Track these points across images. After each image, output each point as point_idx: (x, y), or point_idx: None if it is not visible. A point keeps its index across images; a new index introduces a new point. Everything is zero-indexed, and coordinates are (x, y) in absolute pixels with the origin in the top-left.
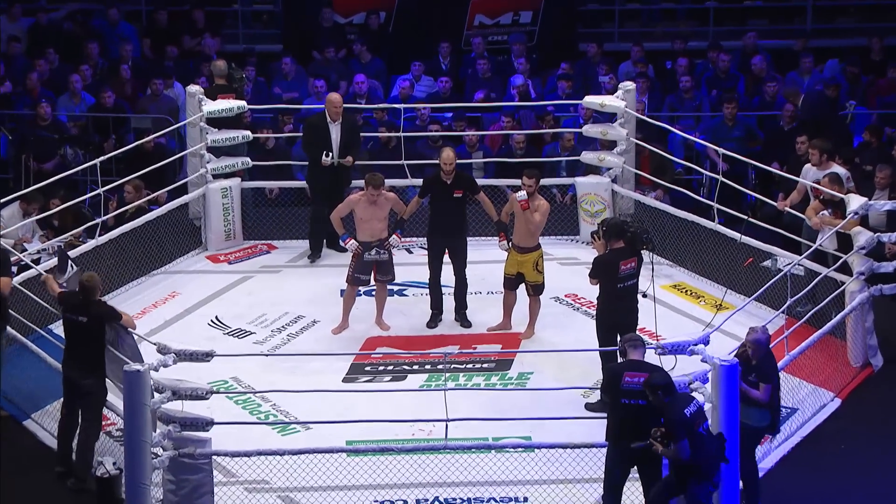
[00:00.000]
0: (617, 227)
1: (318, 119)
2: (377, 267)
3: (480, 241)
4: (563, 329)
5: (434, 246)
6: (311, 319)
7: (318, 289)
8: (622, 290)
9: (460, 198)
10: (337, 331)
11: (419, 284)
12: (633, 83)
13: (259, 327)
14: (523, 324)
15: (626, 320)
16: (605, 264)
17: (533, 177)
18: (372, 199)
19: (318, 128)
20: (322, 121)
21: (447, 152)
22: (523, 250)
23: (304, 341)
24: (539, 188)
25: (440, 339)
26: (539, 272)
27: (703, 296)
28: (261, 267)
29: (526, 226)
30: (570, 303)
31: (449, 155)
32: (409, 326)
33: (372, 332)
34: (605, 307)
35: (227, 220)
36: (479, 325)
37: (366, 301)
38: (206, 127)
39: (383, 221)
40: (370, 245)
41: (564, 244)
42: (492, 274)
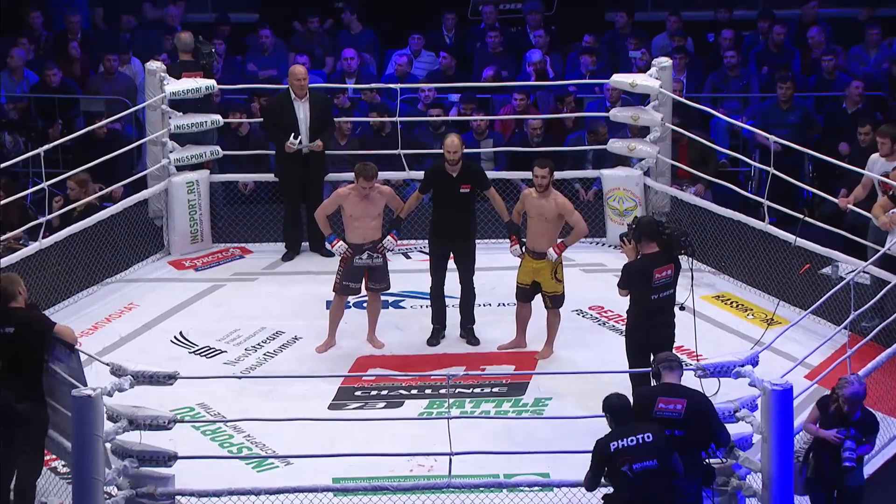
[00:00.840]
0: (650, 229)
1: (280, 98)
2: (369, 273)
3: (491, 245)
4: (586, 347)
5: (436, 250)
6: (291, 335)
7: (299, 300)
8: (656, 302)
9: (467, 193)
10: (322, 349)
11: (418, 295)
12: (669, 59)
13: (231, 345)
14: (540, 341)
15: (661, 337)
16: (637, 272)
17: (546, 167)
18: (363, 194)
19: (281, 107)
20: (285, 99)
21: (451, 138)
22: (539, 255)
23: (284, 361)
24: (555, 182)
25: (443, 358)
26: (558, 281)
27: (752, 308)
28: (233, 274)
29: (542, 226)
30: (594, 316)
31: (453, 142)
32: (407, 344)
33: (363, 350)
34: (637, 322)
35: (193, 219)
36: (488, 343)
37: (356, 314)
38: (168, 110)
39: (377, 220)
40: (361, 248)
41: (588, 248)
42: (503, 283)
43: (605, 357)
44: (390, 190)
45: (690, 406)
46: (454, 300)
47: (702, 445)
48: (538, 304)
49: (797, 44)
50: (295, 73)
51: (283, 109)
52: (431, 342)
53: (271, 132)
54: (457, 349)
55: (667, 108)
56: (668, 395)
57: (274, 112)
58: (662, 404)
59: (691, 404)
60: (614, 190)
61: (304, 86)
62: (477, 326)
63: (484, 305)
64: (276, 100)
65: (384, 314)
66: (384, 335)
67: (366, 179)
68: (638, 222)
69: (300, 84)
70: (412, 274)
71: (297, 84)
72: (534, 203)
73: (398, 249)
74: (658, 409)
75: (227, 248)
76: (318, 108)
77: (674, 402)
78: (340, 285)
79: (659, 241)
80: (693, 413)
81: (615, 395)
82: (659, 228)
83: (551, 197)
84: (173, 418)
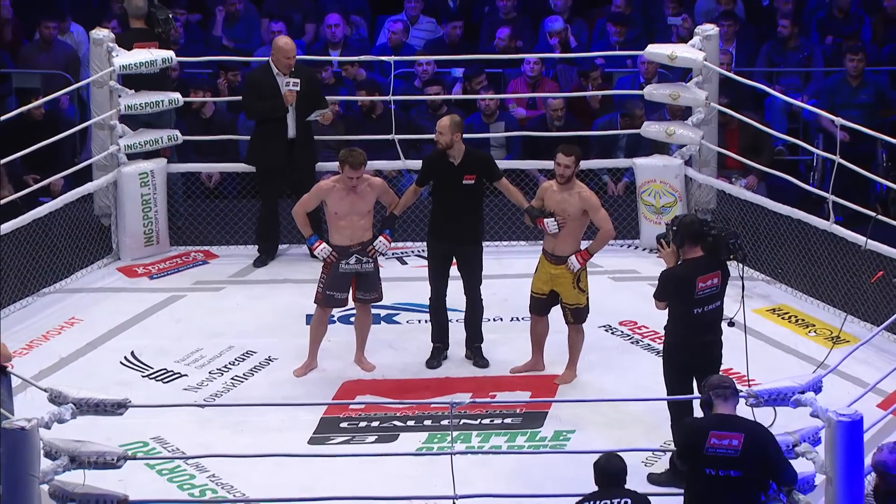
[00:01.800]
0: (693, 229)
1: (262, 73)
2: (357, 282)
3: (502, 248)
4: (615, 370)
5: (437, 253)
6: (264, 356)
7: (274, 313)
8: (700, 317)
9: (473, 185)
10: (301, 372)
11: (416, 307)
12: (716, 27)
13: (192, 367)
14: (560, 363)
15: (706, 358)
16: (677, 280)
17: (571, 154)
18: (350, 186)
19: (263, 85)
20: (267, 76)
21: (444, 118)
22: (559, 260)
23: (256, 386)
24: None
25: (445, 383)
26: (581, 291)
27: (814, 324)
28: (195, 283)
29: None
30: (626, 333)
31: (442, 122)
32: (402, 366)
33: (350, 373)
34: (677, 340)
35: (147, 217)
36: (498, 365)
37: (342, 330)
38: (118, 87)
39: (366, 218)
40: (348, 251)
41: (618, 251)
42: (517, 293)
43: (638, 382)
44: (382, 182)
45: (749, 441)
46: (458, 314)
47: (760, 487)
48: (558, 318)
49: (868, 9)
50: (283, 49)
51: (264, 87)
52: (431, 364)
53: (252, 112)
54: (462, 372)
55: (712, 84)
56: (721, 427)
57: (254, 89)
58: (715, 439)
59: (750, 439)
60: (649, 182)
61: (290, 63)
62: (485, 345)
63: (494, 320)
64: (255, 76)
65: (375, 330)
66: (375, 356)
67: (353, 168)
68: (678, 222)
69: (287, 61)
70: (408, 282)
71: (284, 61)
72: (555, 198)
73: (392, 253)
74: (710, 446)
75: (188, 252)
76: (305, 84)
77: (729, 437)
78: (323, 296)
79: (703, 243)
80: (752, 449)
81: (606, 457)
82: (703, 229)
83: (575, 190)
84: (123, 455)
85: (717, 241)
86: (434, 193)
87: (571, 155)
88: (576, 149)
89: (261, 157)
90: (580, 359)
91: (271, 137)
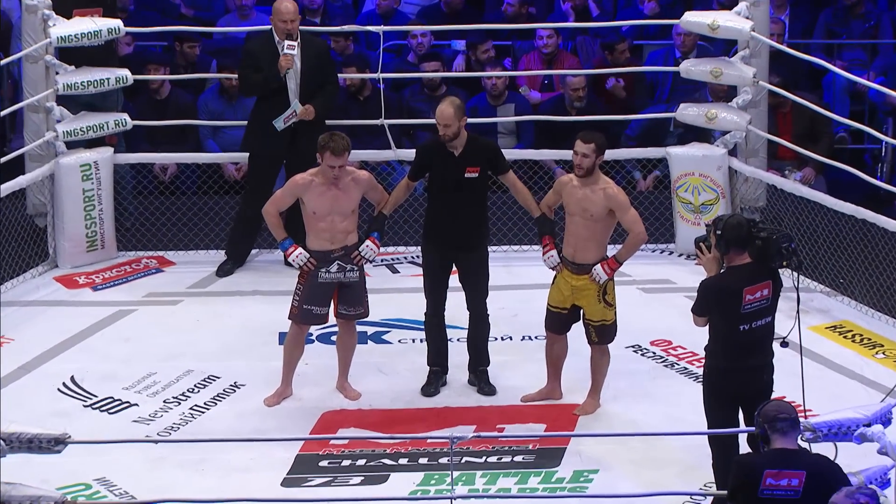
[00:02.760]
0: (740, 232)
1: (261, 42)
2: (340, 294)
3: (511, 254)
4: (646, 398)
5: (434, 260)
6: (229, 382)
7: (241, 331)
8: (748, 335)
9: (477, 180)
10: (273, 401)
11: (409, 324)
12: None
13: (144, 395)
14: (581, 390)
15: (754, 384)
16: (720, 292)
17: (591, 142)
18: (332, 179)
19: (262, 55)
20: (268, 45)
21: (444, 106)
22: (581, 269)
23: (220, 418)
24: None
25: (444, 414)
26: (608, 305)
27: (882, 344)
28: (147, 295)
29: (586, 228)
30: (658, 355)
31: (445, 111)
32: (394, 394)
33: (331, 402)
34: (720, 363)
35: (90, 217)
36: (507, 392)
37: (321, 351)
38: (55, 63)
39: (350, 219)
40: (329, 257)
41: (650, 258)
42: (530, 307)
43: (674, 413)
44: (369, 176)
45: (812, 480)
46: (460, 332)
47: None
48: (578, 336)
49: None
50: (280, 11)
51: (261, 59)
52: (428, 391)
53: (248, 79)
54: (464, 401)
55: (761, 59)
56: (778, 465)
57: (252, 61)
58: (772, 479)
59: (813, 477)
60: (687, 176)
61: (294, 29)
62: (492, 369)
63: (502, 339)
64: (254, 46)
65: (361, 351)
66: (361, 381)
67: (335, 154)
68: (722, 222)
69: (285, 27)
70: (401, 295)
71: (282, 26)
72: (574, 194)
73: (381, 260)
74: (765, 487)
75: (139, 259)
76: (315, 58)
77: (787, 476)
78: (299, 311)
79: (752, 248)
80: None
81: None
82: (752, 231)
83: (598, 186)
84: (62, 500)
85: (768, 245)
86: (430, 189)
87: (591, 142)
88: (598, 136)
89: (255, 141)
90: (605, 385)
91: (267, 117)
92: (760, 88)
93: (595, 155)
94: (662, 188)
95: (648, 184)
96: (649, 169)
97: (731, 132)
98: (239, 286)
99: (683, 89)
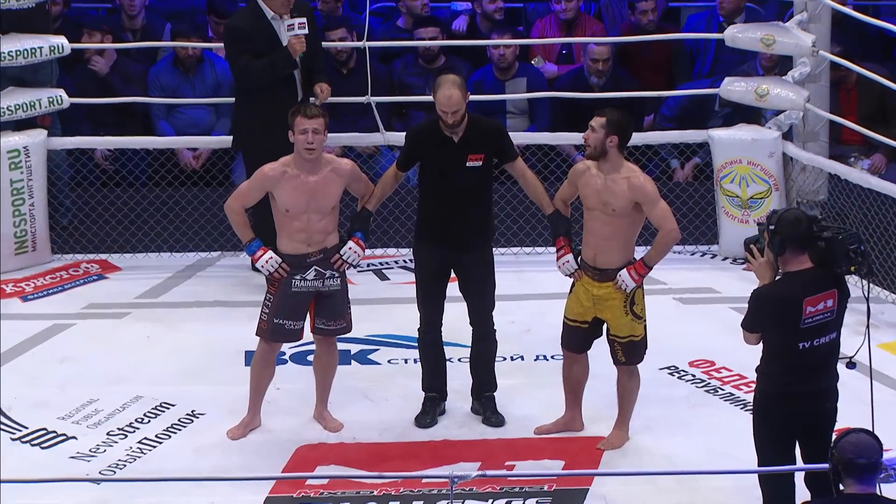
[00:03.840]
0: (799, 230)
1: (249, 19)
2: (317, 306)
3: (521, 258)
4: (684, 430)
5: (430, 265)
6: (186, 410)
7: (200, 349)
8: (808, 354)
9: (480, 169)
10: (239, 432)
11: (401, 341)
12: None
13: (84, 426)
14: (605, 420)
15: (815, 413)
16: (776, 303)
17: (603, 116)
18: (306, 163)
19: (255, 35)
20: (260, 22)
21: (450, 89)
22: (604, 275)
23: (174, 453)
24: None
25: (442, 448)
26: (637, 318)
27: None
28: (87, 307)
29: (608, 225)
30: (699, 378)
31: (453, 95)
32: (382, 424)
33: (308, 433)
34: (775, 387)
35: (18, 213)
36: (518, 423)
37: (297, 373)
38: None
39: (330, 217)
40: (305, 262)
41: (687, 262)
42: (544, 321)
43: (716, 446)
44: (353, 165)
45: None
46: (462, 350)
47: None
48: (601, 355)
49: None
50: None
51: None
52: (423, 421)
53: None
54: (466, 433)
55: (822, 25)
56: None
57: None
58: None
59: None
60: (733, 164)
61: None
62: (500, 394)
63: (511, 359)
64: (240, 23)
65: (343, 374)
66: (344, 410)
67: (306, 117)
68: (777, 219)
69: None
70: (390, 306)
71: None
72: (592, 185)
73: (367, 264)
74: None
75: (78, 264)
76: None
77: None
78: (269, 326)
79: (813, 250)
80: None
81: None
82: (813, 230)
83: (621, 175)
84: None
85: (833, 246)
86: (424, 180)
87: (603, 116)
88: (615, 112)
89: (252, 136)
90: (634, 414)
91: (276, 108)
92: (821, 59)
93: (605, 132)
94: (704, 178)
95: (687, 173)
96: (687, 156)
97: (786, 112)
98: (197, 296)
99: (728, 60)
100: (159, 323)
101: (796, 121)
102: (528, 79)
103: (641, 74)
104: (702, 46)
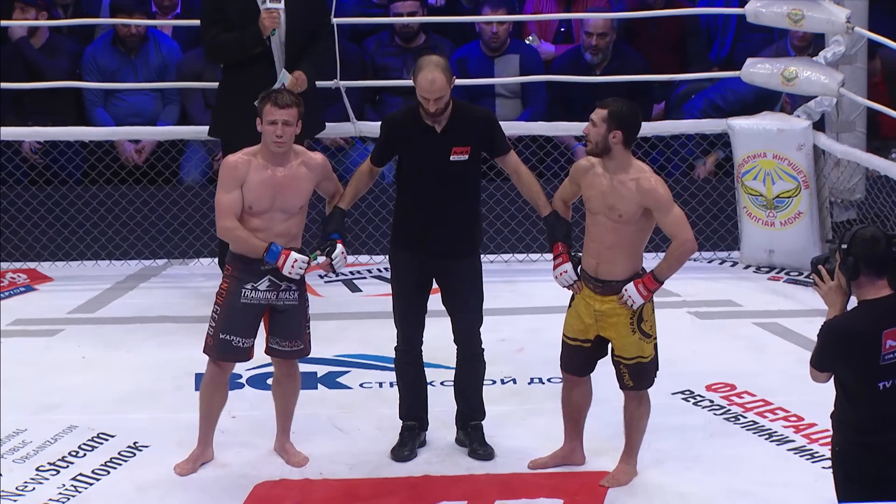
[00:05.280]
0: (875, 248)
1: None
2: (270, 322)
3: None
4: (700, 464)
5: (408, 274)
6: (127, 442)
7: (144, 371)
8: (890, 394)
9: (466, 164)
10: (187, 467)
11: (374, 362)
12: None
13: (9, 460)
14: (610, 452)
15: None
16: (851, 337)
17: (605, 107)
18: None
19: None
20: None
21: (432, 72)
22: (607, 288)
23: (114, 491)
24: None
25: (422, 485)
26: (645, 336)
27: None
28: (13, 322)
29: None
30: (718, 404)
31: (437, 80)
32: (353, 457)
33: (267, 468)
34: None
35: None
36: (510, 455)
37: (254, 399)
38: None
39: (296, 218)
40: (259, 268)
41: (705, 270)
42: (539, 337)
43: (737, 483)
44: (324, 159)
45: None
46: (445, 373)
47: None
48: (605, 377)
49: None
50: None
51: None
52: (401, 454)
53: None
54: (450, 468)
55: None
56: None
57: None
58: None
59: None
60: (756, 158)
61: None
62: (488, 423)
63: (503, 382)
64: None
65: (309, 400)
66: (309, 441)
67: (277, 106)
68: (852, 237)
69: None
70: (362, 322)
71: None
72: (597, 185)
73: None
74: None
75: (3, 273)
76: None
77: None
78: (215, 342)
79: (893, 274)
80: None
81: None
82: (894, 251)
83: (629, 175)
84: None
85: None
86: (402, 177)
87: (605, 108)
88: (619, 102)
89: (229, 123)
90: (643, 446)
91: (248, 91)
92: (857, 37)
93: (607, 126)
94: (723, 175)
95: (710, 169)
96: (705, 149)
97: (817, 98)
98: (141, 310)
99: (752, 39)
100: (96, 341)
101: (829, 108)
102: (521, 57)
103: (651, 54)
104: (721, 23)
